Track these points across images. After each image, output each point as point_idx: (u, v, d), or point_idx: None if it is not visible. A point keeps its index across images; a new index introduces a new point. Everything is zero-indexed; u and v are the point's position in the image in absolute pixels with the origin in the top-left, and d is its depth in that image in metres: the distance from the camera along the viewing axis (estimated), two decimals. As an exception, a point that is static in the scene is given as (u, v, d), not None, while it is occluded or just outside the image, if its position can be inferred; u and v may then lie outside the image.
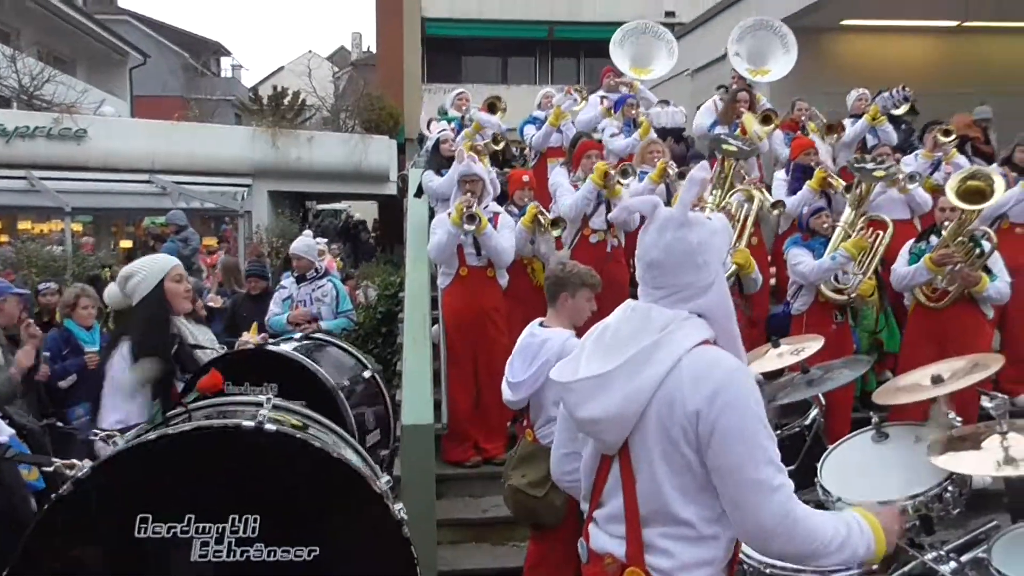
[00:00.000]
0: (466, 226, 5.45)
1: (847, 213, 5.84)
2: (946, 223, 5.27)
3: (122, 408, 3.21)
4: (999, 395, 2.59)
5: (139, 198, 15.40)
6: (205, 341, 3.72)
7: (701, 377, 1.81)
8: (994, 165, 6.50)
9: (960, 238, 5.17)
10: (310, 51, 27.90)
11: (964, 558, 2.50)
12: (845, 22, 10.74)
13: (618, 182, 5.88)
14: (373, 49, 27.49)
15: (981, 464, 2.45)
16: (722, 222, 2.00)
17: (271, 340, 4.68)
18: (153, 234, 12.09)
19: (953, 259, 5.14)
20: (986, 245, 5.18)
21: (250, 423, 2.35)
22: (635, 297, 2.03)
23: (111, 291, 3.61)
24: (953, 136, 7.11)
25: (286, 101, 17.81)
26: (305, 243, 6.39)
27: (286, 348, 4.29)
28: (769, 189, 6.70)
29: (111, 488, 2.28)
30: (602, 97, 8.26)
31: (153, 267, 3.45)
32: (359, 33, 38.68)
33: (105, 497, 2.28)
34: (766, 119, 7.41)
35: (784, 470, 1.81)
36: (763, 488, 1.77)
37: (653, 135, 7.09)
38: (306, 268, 6.24)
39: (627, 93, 8.09)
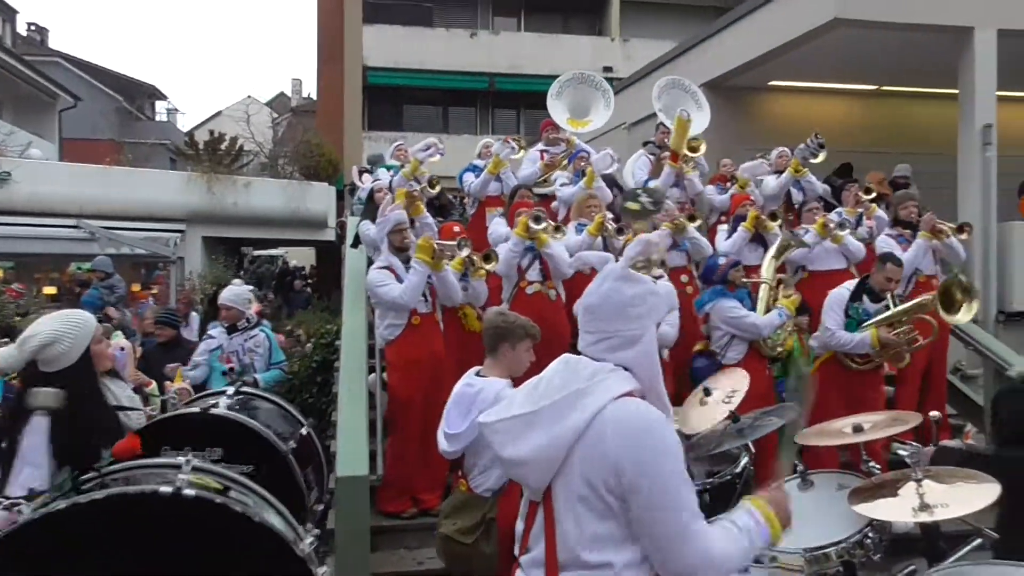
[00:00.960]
0: (461, 252, 5.58)
1: (769, 269, 6.06)
2: (886, 292, 5.53)
3: (33, 474, 2.94)
4: (914, 444, 2.70)
5: (65, 243, 14.93)
6: (125, 399, 3.53)
7: (623, 426, 1.87)
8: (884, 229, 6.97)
9: (907, 326, 5.48)
10: (249, 96, 27.74)
11: (885, 603, 2.58)
12: (772, 83, 11.24)
13: (538, 217, 5.95)
14: (314, 95, 27.52)
15: (898, 511, 2.55)
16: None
17: (199, 395, 4.56)
18: (79, 280, 11.74)
19: (898, 345, 5.45)
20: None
21: (167, 488, 2.27)
22: (575, 348, 2.10)
23: (6, 353, 3.23)
24: (873, 195, 7.53)
25: (223, 146, 17.60)
26: (235, 292, 6.28)
27: (228, 410, 4.13)
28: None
29: (19, 561, 2.15)
30: (542, 151, 8.41)
31: (79, 333, 3.15)
32: (299, 79, 38.84)
33: (13, 571, 2.16)
34: (693, 148, 7.73)
35: (702, 516, 1.89)
36: (684, 534, 1.84)
37: (600, 182, 7.24)
38: (236, 318, 6.11)
39: (577, 148, 8.25)
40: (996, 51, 8.96)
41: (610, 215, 6.91)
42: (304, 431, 4.45)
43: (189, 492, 2.27)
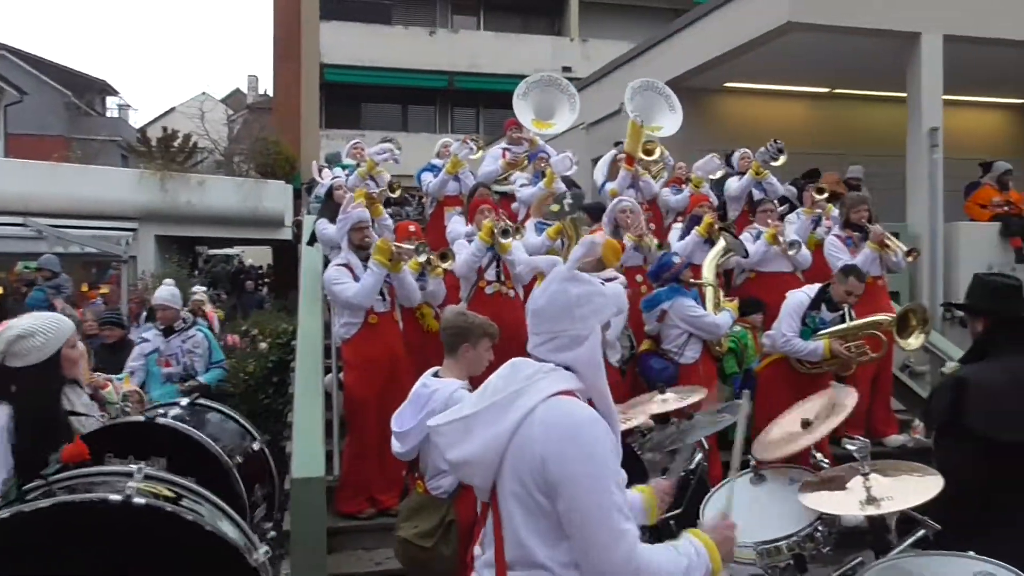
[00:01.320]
0: (418, 258, 5.54)
1: (709, 270, 6.15)
2: (844, 304, 5.65)
3: None
4: (861, 439, 2.77)
5: (11, 242, 14.53)
6: (81, 406, 3.46)
7: (551, 424, 1.88)
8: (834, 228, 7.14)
9: (860, 341, 5.61)
10: (204, 93, 27.27)
11: (833, 594, 2.64)
12: (728, 84, 11.40)
13: (506, 231, 5.97)
14: (270, 92, 27.16)
15: (846, 504, 2.60)
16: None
17: (156, 404, 4.47)
18: (25, 280, 11.44)
19: (848, 359, 5.59)
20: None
21: (117, 497, 2.21)
22: None
23: None
24: (825, 194, 7.66)
25: (177, 143, 17.29)
26: (170, 291, 6.13)
27: (175, 420, 4.05)
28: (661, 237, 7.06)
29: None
30: (504, 149, 8.41)
31: (57, 331, 3.09)
32: (255, 76, 38.28)
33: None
34: (648, 151, 7.78)
35: (631, 518, 1.88)
36: (609, 536, 1.83)
37: (560, 184, 7.25)
38: (172, 319, 5.97)
39: (538, 148, 8.26)
40: (942, 56, 9.20)
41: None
42: (256, 446, 4.39)
43: (139, 500, 2.22)
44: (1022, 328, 2.96)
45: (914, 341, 5.60)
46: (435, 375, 3.67)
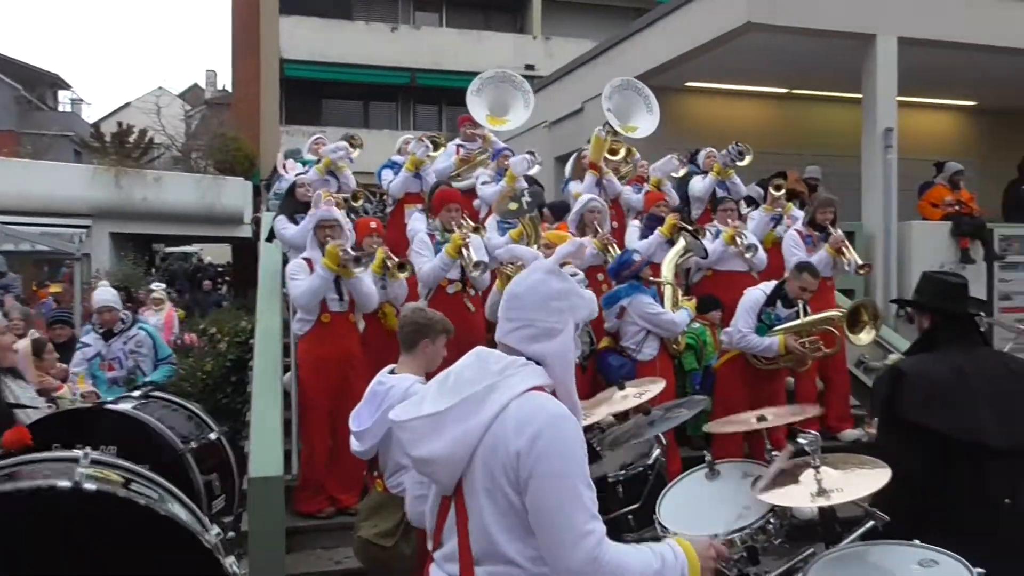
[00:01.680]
0: (355, 269, 5.41)
1: (668, 269, 6.22)
2: (799, 300, 5.74)
3: None
4: (812, 432, 2.82)
5: (-42, 240, 14.17)
6: (26, 399, 3.40)
7: (524, 421, 1.88)
8: (797, 224, 7.24)
9: (813, 337, 5.72)
10: (160, 87, 26.76)
11: (785, 585, 2.68)
12: (689, 84, 11.51)
13: (469, 258, 5.94)
14: (229, 87, 26.79)
15: (798, 496, 2.65)
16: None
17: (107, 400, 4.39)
18: (-27, 279, 11.16)
19: (803, 354, 5.70)
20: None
21: (66, 483, 2.17)
22: (492, 346, 2.10)
23: None
24: (783, 190, 7.77)
25: (132, 139, 16.98)
26: (111, 293, 6.00)
27: (127, 407, 4.00)
28: (623, 235, 7.09)
29: None
30: (458, 146, 8.39)
31: None
32: (214, 71, 37.71)
33: None
34: (613, 151, 7.81)
35: (598, 517, 1.88)
36: (574, 533, 1.83)
37: (522, 182, 7.25)
38: (112, 321, 5.84)
39: (492, 144, 8.24)
40: (897, 58, 9.39)
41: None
42: (212, 436, 4.33)
43: (89, 486, 2.18)
44: (966, 325, 3.06)
45: (865, 336, 5.71)
46: (391, 372, 3.66)
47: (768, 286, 5.89)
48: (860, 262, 6.93)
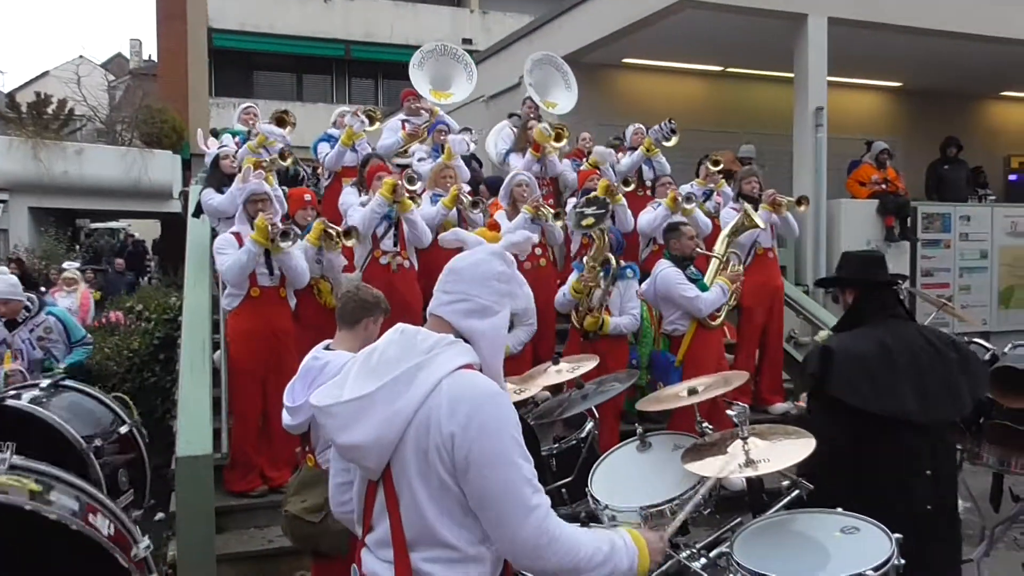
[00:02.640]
0: (282, 244, 5.26)
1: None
2: (695, 252, 5.95)
3: None
4: (740, 404, 2.87)
5: None
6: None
7: (458, 400, 1.83)
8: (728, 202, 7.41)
9: (734, 263, 6.01)
10: (81, 56, 25.51)
11: (712, 554, 2.73)
12: (626, 60, 11.53)
13: (407, 191, 5.88)
14: (155, 57, 25.78)
15: (726, 467, 2.69)
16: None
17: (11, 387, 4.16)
18: None
19: (738, 276, 5.95)
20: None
21: None
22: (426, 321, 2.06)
23: None
24: (720, 167, 7.88)
25: (50, 110, 16.25)
26: (7, 282, 5.67)
27: (25, 401, 3.76)
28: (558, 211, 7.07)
29: None
30: (403, 121, 8.25)
31: None
32: (139, 40, 36.13)
33: None
34: (558, 136, 7.79)
35: (541, 490, 1.87)
36: (520, 509, 1.82)
37: (458, 160, 7.16)
38: (15, 312, 5.57)
39: (438, 119, 8.12)
40: (827, 38, 9.56)
41: (467, 188, 6.90)
42: (123, 429, 4.17)
43: None
44: (888, 295, 3.17)
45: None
46: (327, 348, 3.58)
47: (664, 263, 5.92)
48: (795, 198, 7.26)
